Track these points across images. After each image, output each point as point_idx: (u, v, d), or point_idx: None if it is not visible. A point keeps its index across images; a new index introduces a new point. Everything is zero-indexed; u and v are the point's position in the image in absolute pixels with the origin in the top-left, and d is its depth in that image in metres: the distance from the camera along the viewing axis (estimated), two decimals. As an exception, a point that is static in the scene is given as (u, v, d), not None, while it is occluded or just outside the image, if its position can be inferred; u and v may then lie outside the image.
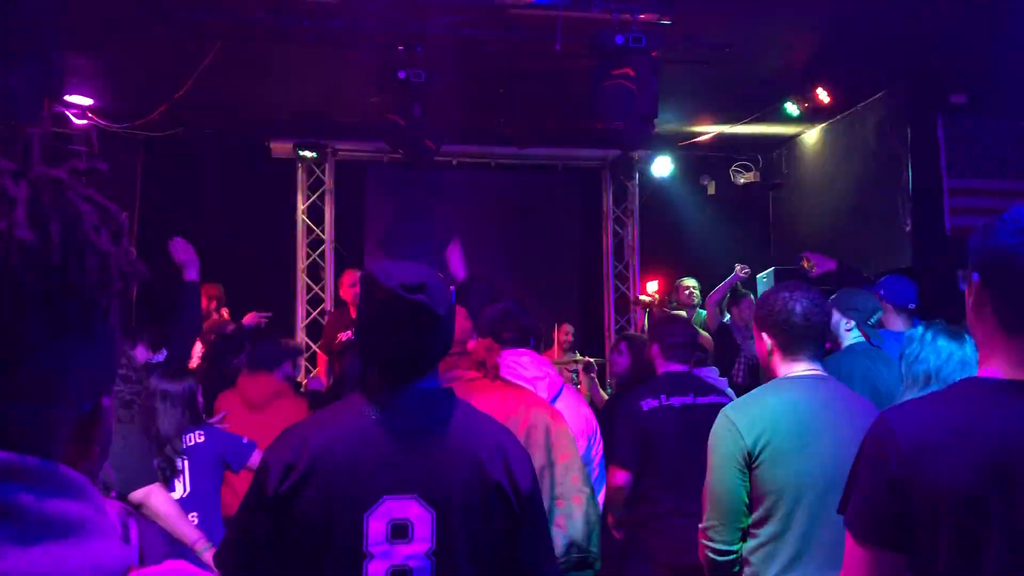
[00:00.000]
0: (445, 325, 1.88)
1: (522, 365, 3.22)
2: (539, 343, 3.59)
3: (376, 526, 1.74)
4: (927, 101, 7.20)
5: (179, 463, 3.58)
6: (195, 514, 3.53)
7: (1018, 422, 1.46)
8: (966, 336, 2.83)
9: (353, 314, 5.76)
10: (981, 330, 1.56)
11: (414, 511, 1.76)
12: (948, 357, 2.84)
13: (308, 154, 8.58)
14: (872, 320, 4.05)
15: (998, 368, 1.51)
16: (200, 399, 3.78)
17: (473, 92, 7.10)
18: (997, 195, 7.09)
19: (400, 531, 1.75)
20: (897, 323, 4.38)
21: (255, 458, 3.69)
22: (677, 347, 4.05)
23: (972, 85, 7.05)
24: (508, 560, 1.86)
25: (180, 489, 3.59)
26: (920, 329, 2.97)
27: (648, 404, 3.84)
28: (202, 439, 3.68)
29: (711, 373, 5.36)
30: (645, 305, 8.15)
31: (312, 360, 8.23)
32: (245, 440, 3.81)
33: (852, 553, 1.58)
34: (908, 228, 7.19)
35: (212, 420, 3.89)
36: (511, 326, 3.33)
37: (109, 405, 0.77)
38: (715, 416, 3.83)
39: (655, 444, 3.79)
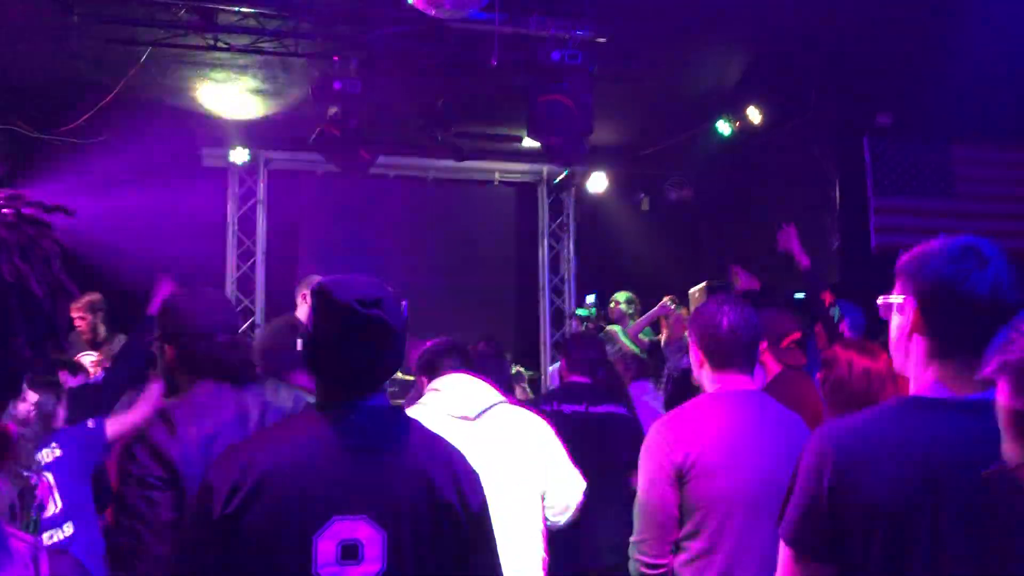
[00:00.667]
0: (400, 341, 1.86)
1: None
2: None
3: (325, 547, 1.69)
4: (854, 122, 7.41)
5: (38, 480, 3.42)
6: (70, 524, 3.40)
7: (947, 439, 1.51)
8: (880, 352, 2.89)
9: None
10: (914, 352, 1.62)
11: (364, 532, 1.72)
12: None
13: (241, 161, 8.42)
14: (783, 344, 4.11)
15: (930, 387, 1.58)
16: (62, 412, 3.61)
17: (410, 105, 7.07)
18: (920, 214, 7.34)
19: (350, 552, 1.71)
20: None
21: (110, 429, 3.64)
22: (580, 361, 4.28)
23: (897, 107, 7.29)
24: None
25: (52, 507, 3.44)
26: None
27: (545, 408, 3.97)
28: (58, 452, 3.52)
29: (644, 387, 5.43)
30: (582, 319, 8.19)
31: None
32: (91, 424, 3.66)
33: (786, 565, 1.61)
34: (836, 246, 7.38)
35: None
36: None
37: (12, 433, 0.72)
38: (607, 424, 3.98)
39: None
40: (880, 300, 1.74)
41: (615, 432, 4.07)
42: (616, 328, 7.03)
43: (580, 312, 8.17)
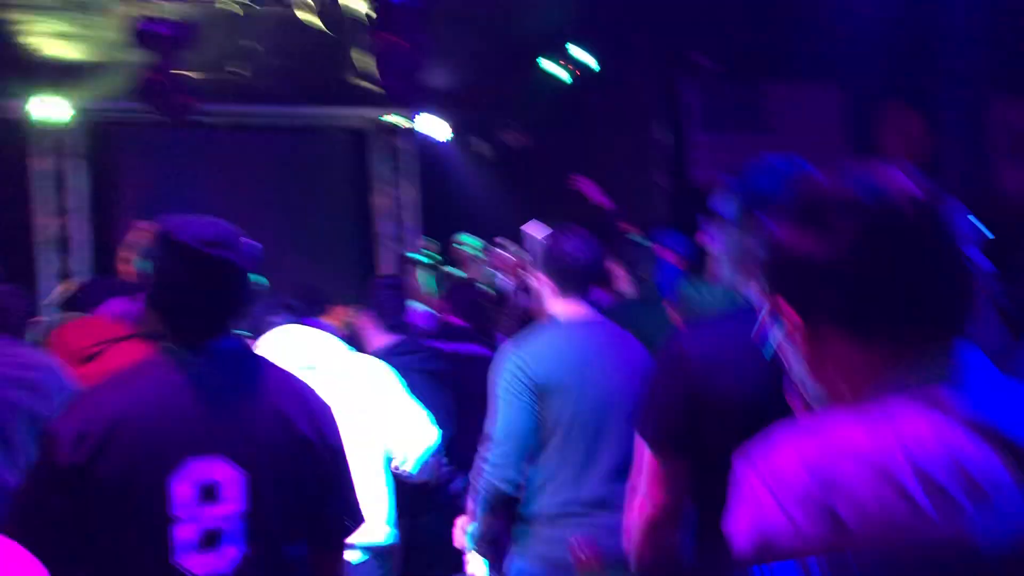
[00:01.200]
0: (248, 280, 1.85)
1: None
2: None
3: (182, 489, 1.69)
4: (672, 61, 7.71)
5: None
6: None
7: None
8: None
9: None
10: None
11: (222, 472, 1.72)
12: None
13: (53, 111, 7.82)
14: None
15: None
16: None
17: (232, 48, 6.78)
18: (733, 149, 7.76)
19: (209, 493, 1.71)
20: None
21: None
22: (459, 303, 4.42)
23: (713, 46, 7.64)
24: (318, 512, 1.87)
25: None
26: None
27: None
28: None
29: None
30: (417, 264, 8.16)
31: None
32: None
33: (646, 462, 1.73)
34: (659, 182, 7.73)
35: None
36: None
37: None
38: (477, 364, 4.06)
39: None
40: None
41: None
42: (457, 271, 7.13)
43: (415, 256, 8.15)
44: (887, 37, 7.02)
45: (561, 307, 2.78)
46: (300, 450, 1.81)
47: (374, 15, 5.56)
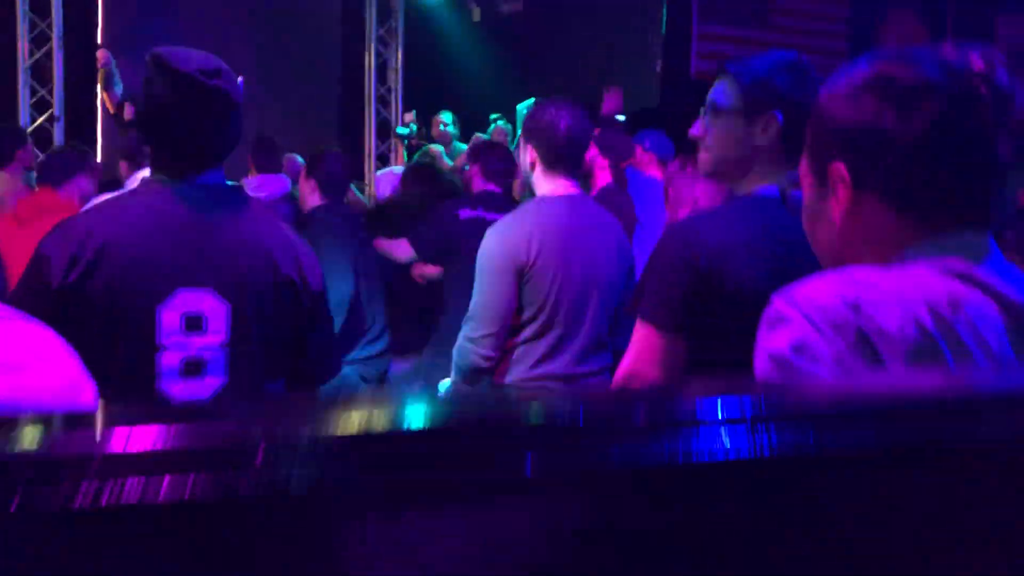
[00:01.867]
0: (239, 114, 1.83)
1: None
2: None
3: (169, 318, 1.71)
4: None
5: None
6: None
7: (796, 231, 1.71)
8: None
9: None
10: (761, 164, 1.75)
11: (208, 303, 1.75)
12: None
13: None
14: (623, 163, 4.38)
15: (771, 187, 1.74)
16: None
17: None
18: (738, 42, 7.64)
19: (194, 323, 1.74)
20: (656, 172, 4.82)
21: None
22: (495, 172, 4.17)
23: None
24: (297, 354, 1.92)
25: None
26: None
27: (465, 213, 3.95)
28: None
29: None
30: (403, 137, 8.10)
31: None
32: None
33: (646, 343, 1.74)
34: (658, 69, 7.61)
35: None
36: None
37: None
38: None
39: (461, 250, 3.89)
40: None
41: None
42: (439, 148, 7.05)
43: (400, 131, 8.05)
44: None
45: (547, 183, 2.77)
46: (284, 290, 1.84)
47: None
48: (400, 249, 4.09)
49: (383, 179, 6.82)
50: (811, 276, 1.02)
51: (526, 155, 2.78)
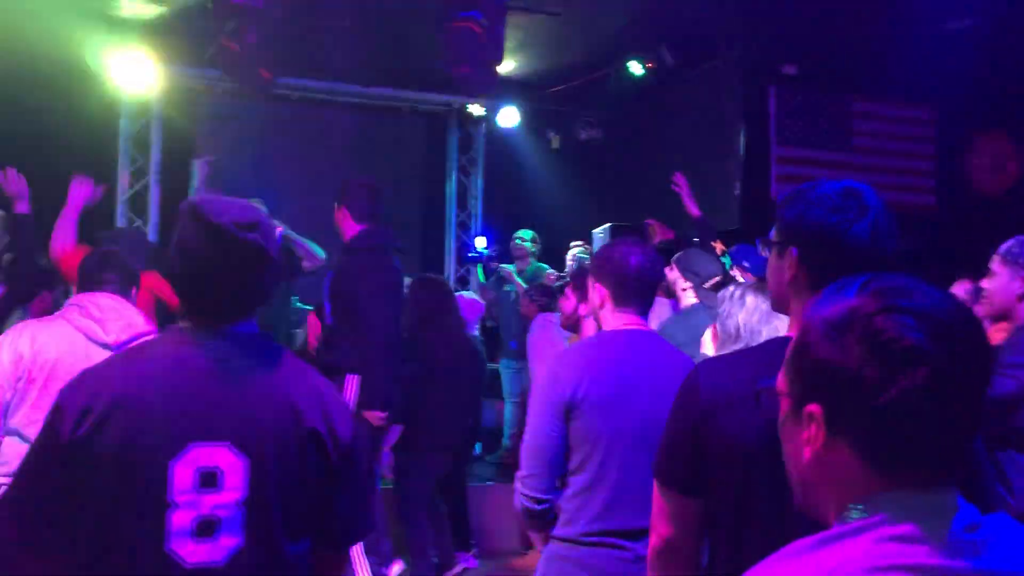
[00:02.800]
0: (274, 268, 1.79)
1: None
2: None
3: (182, 473, 1.63)
4: (761, 70, 7.50)
5: None
6: None
7: None
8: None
9: None
10: (797, 297, 1.63)
11: (225, 458, 1.66)
12: (754, 309, 2.96)
13: (134, 73, 7.98)
14: (707, 284, 4.24)
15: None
16: None
17: (315, 25, 6.81)
18: (818, 165, 7.52)
19: (209, 479, 1.64)
20: None
21: None
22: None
23: (803, 58, 7.40)
24: (324, 512, 1.79)
25: None
26: (731, 288, 3.09)
27: None
28: None
29: (550, 318, 5.56)
30: (474, 261, 8.16)
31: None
32: None
33: (657, 499, 1.67)
34: (737, 192, 7.51)
35: None
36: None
37: None
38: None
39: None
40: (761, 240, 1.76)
41: None
42: (510, 267, 7.06)
43: (471, 255, 8.14)
44: (982, 61, 6.70)
45: (614, 319, 2.66)
46: (309, 442, 1.74)
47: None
48: None
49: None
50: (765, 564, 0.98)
51: (595, 293, 2.69)
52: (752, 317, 2.95)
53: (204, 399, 1.68)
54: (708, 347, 3.04)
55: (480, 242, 8.11)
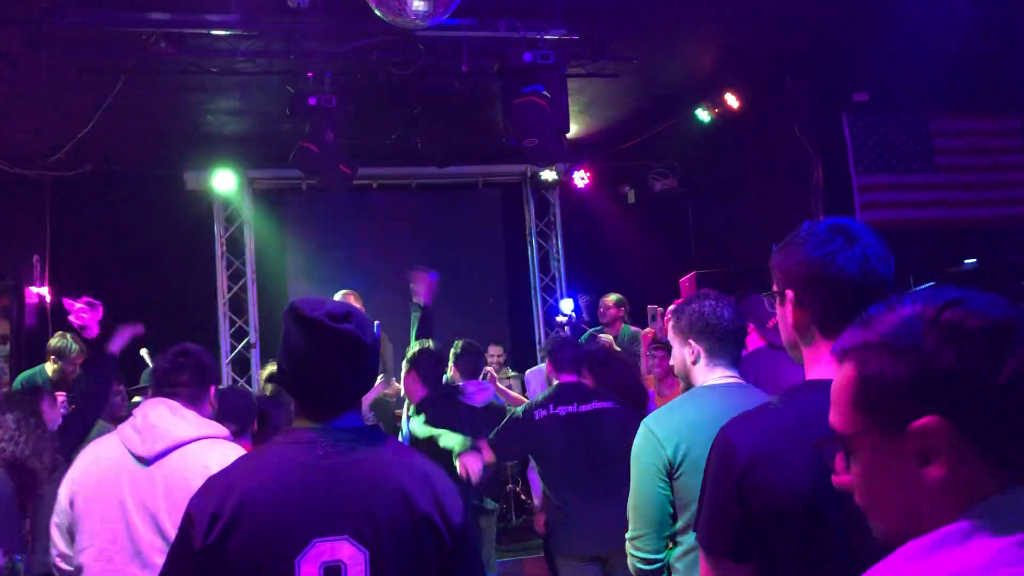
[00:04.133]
0: (372, 356, 1.86)
1: None
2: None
3: (308, 570, 1.70)
4: (831, 100, 7.43)
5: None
6: None
7: None
8: None
9: None
10: (805, 339, 1.62)
11: (346, 551, 1.73)
12: None
13: (224, 184, 8.43)
14: (769, 324, 4.20)
15: (822, 371, 1.57)
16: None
17: (387, 115, 7.09)
18: (902, 188, 7.36)
19: (333, 572, 1.71)
20: None
21: None
22: (565, 361, 4.43)
23: (873, 83, 7.31)
24: None
25: None
26: None
27: (539, 414, 4.24)
28: None
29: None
30: (564, 324, 8.17)
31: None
32: None
33: (704, 567, 1.59)
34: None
35: None
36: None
37: None
38: (599, 420, 4.21)
39: (546, 449, 4.21)
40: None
41: (607, 427, 4.20)
42: (608, 337, 7.06)
43: (560, 318, 8.17)
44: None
45: (707, 374, 2.66)
46: (423, 529, 1.80)
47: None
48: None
49: (531, 378, 6.87)
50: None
51: (687, 350, 2.68)
52: None
53: (322, 495, 1.76)
54: None
55: (566, 305, 8.14)
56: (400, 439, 4.84)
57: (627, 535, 2.57)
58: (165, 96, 6.80)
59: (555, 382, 4.42)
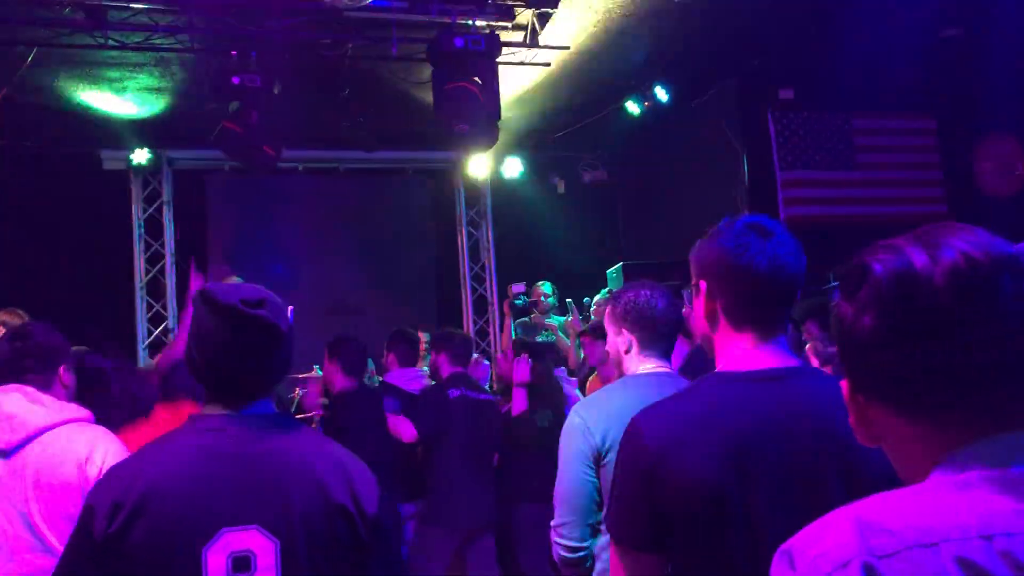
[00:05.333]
0: (286, 343, 1.80)
1: None
2: None
3: (216, 560, 1.64)
4: (758, 97, 7.55)
5: None
6: None
7: (751, 413, 1.54)
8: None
9: None
10: (715, 332, 1.67)
11: (256, 541, 1.67)
12: None
13: (142, 164, 8.15)
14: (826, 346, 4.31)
15: (732, 363, 1.63)
16: None
17: (314, 97, 6.94)
18: (824, 185, 7.52)
19: (242, 564, 1.65)
20: None
21: None
22: (460, 356, 4.87)
23: (798, 81, 7.45)
24: None
25: None
26: None
27: (453, 393, 4.66)
28: None
29: (561, 372, 5.53)
30: (518, 308, 8.11)
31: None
32: None
33: (615, 561, 1.60)
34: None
35: None
36: None
37: None
38: (487, 408, 4.71)
39: (450, 426, 4.60)
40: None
41: (489, 416, 4.75)
42: (556, 321, 7.06)
43: (517, 302, 8.11)
44: (976, 66, 6.73)
45: (638, 363, 2.65)
46: (336, 519, 1.74)
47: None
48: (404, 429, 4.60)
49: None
50: (814, 524, 0.86)
51: (620, 339, 2.67)
52: None
53: (231, 484, 1.69)
54: None
55: (519, 289, 8.07)
56: None
57: (552, 523, 2.56)
58: (82, 70, 6.53)
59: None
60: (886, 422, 0.91)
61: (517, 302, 7.83)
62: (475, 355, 5.26)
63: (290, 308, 1.89)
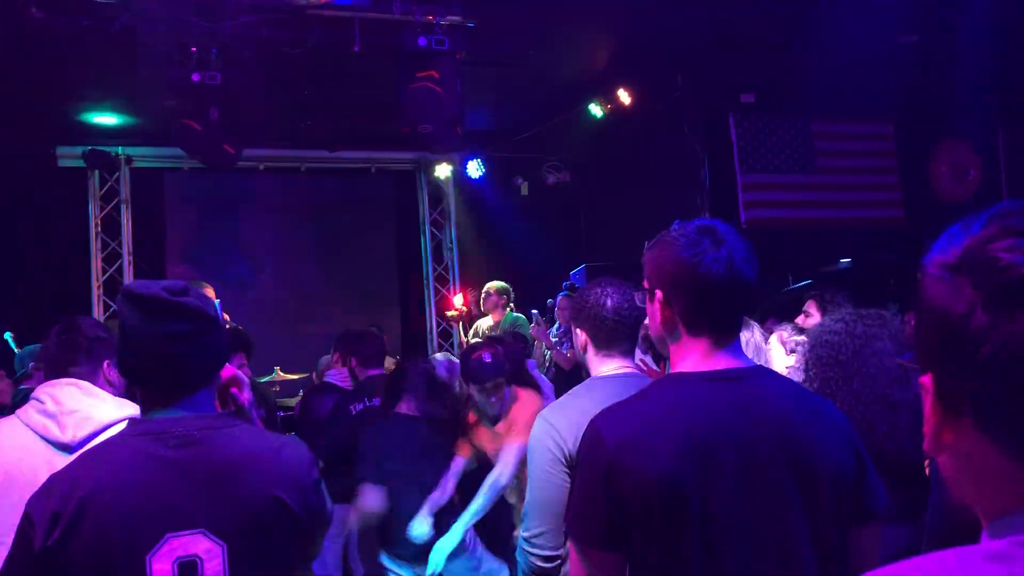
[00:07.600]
0: (216, 331, 1.77)
1: None
2: None
3: (161, 567, 1.60)
4: (719, 101, 7.60)
5: None
6: None
7: (709, 411, 1.57)
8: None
9: None
10: (672, 336, 1.69)
11: (202, 545, 1.63)
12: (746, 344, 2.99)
13: (100, 163, 8.02)
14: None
15: (687, 364, 1.65)
16: None
17: (276, 95, 6.86)
18: (784, 188, 7.60)
19: (188, 569, 1.62)
20: None
21: None
22: (371, 357, 4.73)
23: (760, 86, 7.52)
24: None
25: None
26: None
27: (355, 408, 4.48)
28: None
29: (532, 365, 5.53)
30: (454, 319, 8.20)
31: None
32: None
33: (575, 561, 1.60)
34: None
35: None
36: None
37: None
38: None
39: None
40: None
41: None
42: (486, 322, 7.08)
43: (450, 313, 8.20)
44: (933, 73, 6.85)
45: (600, 363, 2.63)
46: (280, 514, 1.71)
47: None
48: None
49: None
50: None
51: (578, 338, 2.66)
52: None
53: (173, 488, 1.65)
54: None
55: (458, 300, 8.16)
56: None
57: (523, 535, 2.50)
58: (36, 65, 6.40)
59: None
60: (976, 448, 0.71)
61: (451, 313, 7.95)
62: (441, 354, 5.17)
63: (217, 301, 1.86)
